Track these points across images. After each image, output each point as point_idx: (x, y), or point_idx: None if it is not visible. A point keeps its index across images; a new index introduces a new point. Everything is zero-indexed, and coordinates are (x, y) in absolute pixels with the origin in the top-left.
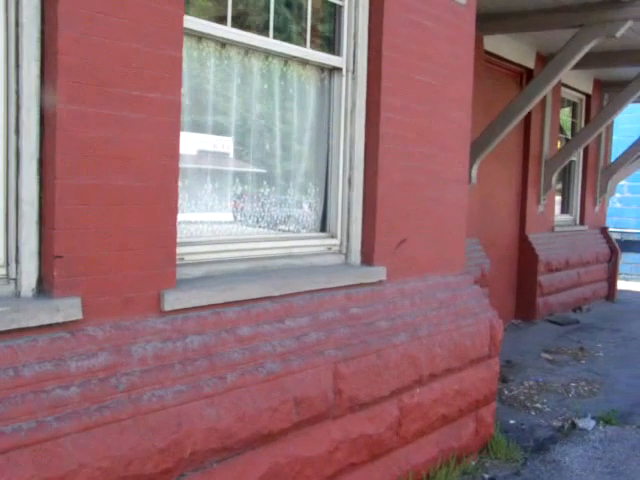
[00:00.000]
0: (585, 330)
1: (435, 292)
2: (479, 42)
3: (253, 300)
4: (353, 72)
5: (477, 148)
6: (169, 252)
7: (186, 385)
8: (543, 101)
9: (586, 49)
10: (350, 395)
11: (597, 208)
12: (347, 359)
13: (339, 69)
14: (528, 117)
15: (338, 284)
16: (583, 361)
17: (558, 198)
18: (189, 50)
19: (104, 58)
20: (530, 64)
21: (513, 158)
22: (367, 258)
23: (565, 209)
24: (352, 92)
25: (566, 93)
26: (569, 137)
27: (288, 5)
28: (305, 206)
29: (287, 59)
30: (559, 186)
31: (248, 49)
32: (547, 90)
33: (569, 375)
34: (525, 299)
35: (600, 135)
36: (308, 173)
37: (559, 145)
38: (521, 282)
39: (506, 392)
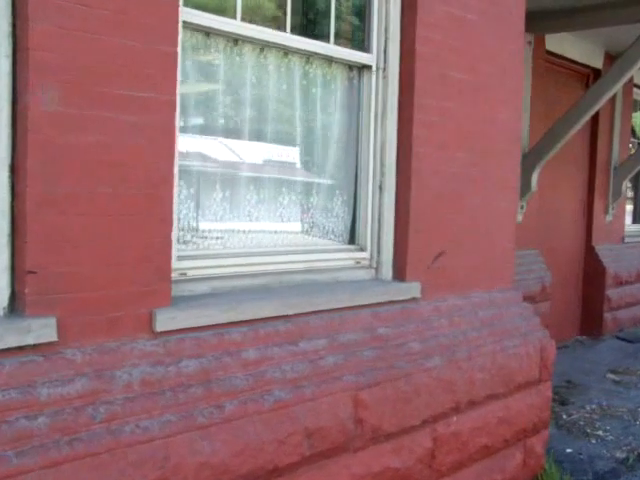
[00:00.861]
0: None
1: (477, 310)
2: (540, 42)
3: (263, 320)
4: (384, 70)
5: (538, 153)
6: (162, 267)
7: (177, 415)
8: (612, 103)
9: None
10: (373, 425)
11: None
12: (370, 385)
13: (369, 67)
14: (595, 120)
15: (364, 302)
16: None
17: (629, 207)
18: (194, 46)
19: (85, 54)
20: (598, 64)
21: (578, 164)
22: (399, 273)
23: (637, 219)
24: (383, 92)
25: (638, 94)
26: None
27: None
28: (331, 216)
29: (309, 56)
30: (630, 194)
31: (263, 46)
32: (615, 90)
33: (637, 399)
34: (591, 314)
35: None
36: (335, 179)
37: (631, 150)
38: (587, 296)
39: (564, 416)
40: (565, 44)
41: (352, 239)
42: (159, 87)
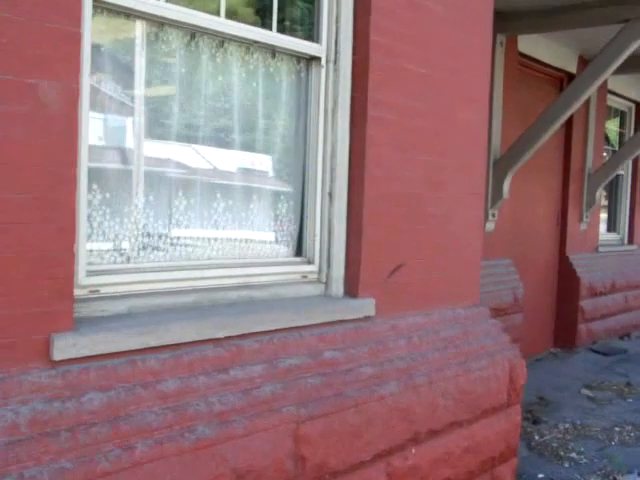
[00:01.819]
0: (633, 361)
1: (440, 329)
2: (513, 43)
3: (187, 344)
4: (335, 62)
5: (510, 159)
6: (62, 284)
7: (74, 460)
8: (586, 109)
9: (633, 47)
10: (317, 463)
11: None
12: (314, 417)
13: (318, 59)
14: (569, 127)
15: (309, 321)
16: (630, 399)
17: (604, 215)
18: (109, 28)
19: None
20: (572, 68)
21: (552, 171)
22: (351, 288)
23: (612, 227)
24: (334, 87)
25: (613, 101)
26: (617, 149)
27: None
28: (274, 225)
29: (248, 45)
30: (605, 202)
31: (194, 31)
32: (588, 95)
33: (612, 417)
34: (565, 326)
35: None
36: (279, 184)
37: (605, 158)
38: (561, 307)
39: (536, 437)
40: (539, 47)
41: (299, 251)
42: (59, 73)
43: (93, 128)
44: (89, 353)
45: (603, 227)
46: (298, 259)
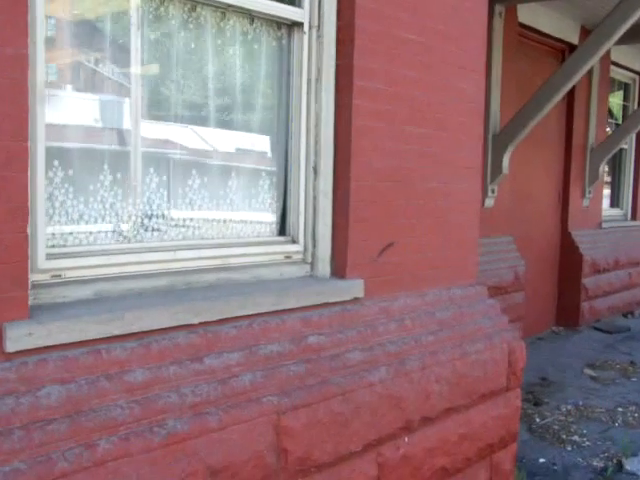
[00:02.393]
0: (637, 339)
1: (434, 310)
2: (512, 14)
3: (158, 331)
4: (318, 28)
5: (509, 133)
6: (15, 269)
7: (28, 460)
8: (588, 81)
9: (636, 16)
10: (300, 456)
11: None
12: (297, 407)
13: (300, 24)
14: (571, 100)
15: (292, 305)
16: (634, 378)
17: (607, 191)
18: None
19: None
20: (574, 39)
21: (553, 145)
22: (339, 269)
23: (615, 203)
24: (317, 54)
25: (616, 73)
26: (620, 123)
27: None
28: (255, 202)
29: (223, 10)
30: (608, 178)
31: None
32: (590, 66)
33: (616, 397)
34: (568, 303)
35: None
36: (260, 159)
37: (608, 131)
38: (563, 284)
39: (538, 419)
40: (539, 17)
41: (283, 230)
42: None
43: (59, 105)
44: (47, 343)
45: (606, 203)
46: (282, 238)
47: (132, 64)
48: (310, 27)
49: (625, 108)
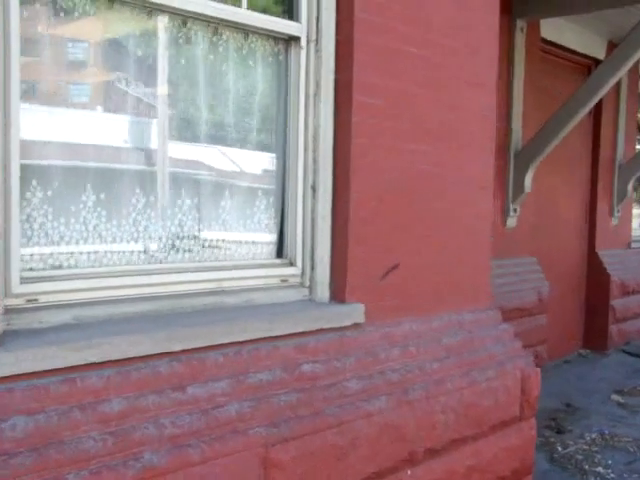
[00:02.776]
0: None
1: (441, 336)
2: (535, 29)
3: (138, 359)
4: (317, 43)
5: (532, 151)
6: None
7: None
8: (616, 96)
9: None
10: None
11: None
12: (287, 439)
13: (297, 39)
14: (598, 115)
15: (287, 331)
16: None
17: (638, 210)
18: None
19: None
20: (600, 55)
21: (580, 162)
22: (338, 293)
23: None
24: (316, 69)
25: None
26: None
27: None
28: (251, 223)
29: (216, 25)
30: (639, 196)
31: (151, 8)
32: (615, 80)
33: None
34: (595, 326)
35: None
36: (256, 178)
37: (638, 148)
38: (590, 306)
39: (560, 448)
40: (564, 32)
41: (280, 252)
42: None
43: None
44: (14, 371)
45: (637, 222)
46: (278, 261)
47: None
48: (308, 41)
49: None
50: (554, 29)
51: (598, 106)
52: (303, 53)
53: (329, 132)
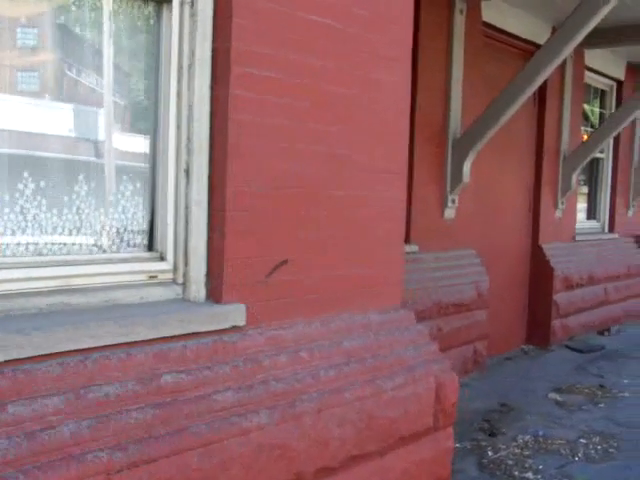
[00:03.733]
0: (610, 359)
1: (341, 339)
2: (475, 11)
3: None
4: (192, 4)
5: (471, 139)
6: None
7: None
8: (561, 86)
9: (604, 11)
10: None
11: (631, 212)
12: (136, 463)
13: (169, 1)
14: (542, 106)
15: (147, 335)
16: (601, 404)
17: (584, 204)
18: None
19: None
20: (544, 41)
21: (523, 152)
22: (215, 291)
23: (591, 214)
24: (191, 36)
25: (592, 79)
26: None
27: None
28: (115, 211)
29: None
30: (585, 189)
31: None
32: (555, 65)
33: (580, 425)
34: (538, 321)
35: (634, 125)
36: (120, 158)
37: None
38: (533, 301)
39: (490, 453)
40: (506, 17)
41: (151, 244)
42: None
43: None
44: None
45: (582, 215)
46: (146, 254)
47: None
48: (182, 3)
49: (602, 116)
50: (496, 13)
51: (543, 94)
52: (175, 17)
53: (205, 108)
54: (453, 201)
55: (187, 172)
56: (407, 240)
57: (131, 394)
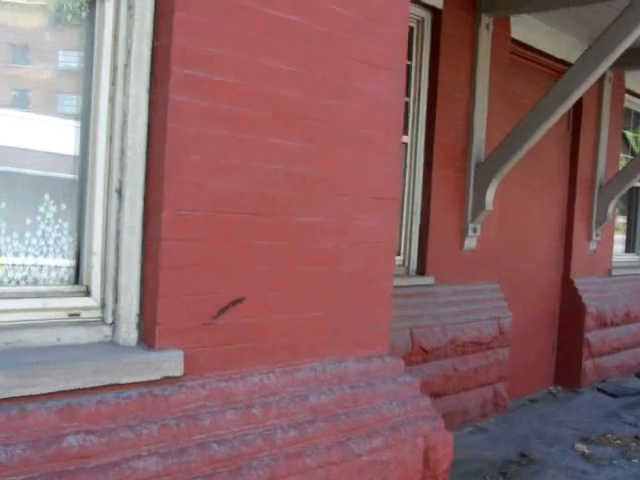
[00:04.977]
0: None
1: (308, 393)
2: (503, 27)
3: None
4: None
5: (495, 163)
6: None
7: None
8: (598, 110)
9: (638, 29)
10: None
11: None
12: None
13: None
14: (577, 129)
15: (50, 387)
16: (635, 459)
17: (622, 235)
18: None
19: None
20: (574, 60)
21: (554, 179)
22: (148, 334)
23: (630, 247)
24: (127, 32)
25: (633, 103)
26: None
27: None
28: (33, 236)
29: None
30: (623, 220)
31: None
32: (588, 85)
33: None
34: (568, 361)
35: None
36: (43, 178)
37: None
38: (563, 339)
39: None
40: (537, 33)
41: (77, 277)
42: None
43: None
44: None
45: (620, 247)
46: (67, 288)
47: None
48: None
49: None
50: (526, 30)
51: (577, 118)
52: (110, 9)
53: (142, 116)
54: (475, 230)
55: (119, 192)
56: (422, 272)
57: (20, 460)
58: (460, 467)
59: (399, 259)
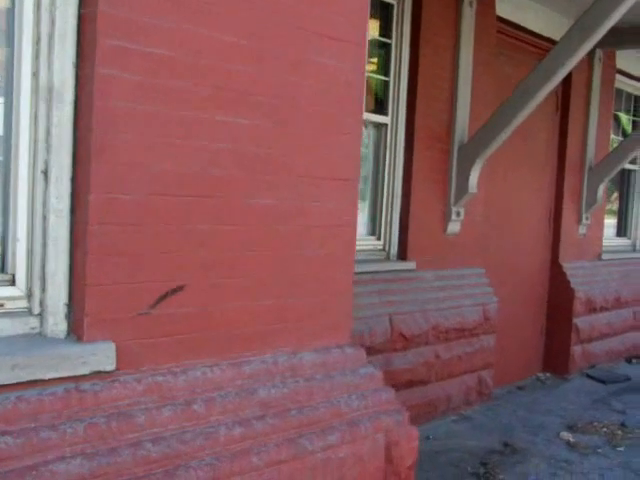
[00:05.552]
0: (636, 392)
1: (257, 387)
2: (488, 5)
3: None
4: None
5: (479, 145)
6: None
7: None
8: (588, 91)
9: (629, 3)
10: None
11: None
12: None
13: None
14: (565, 110)
15: None
16: (621, 447)
17: (613, 220)
18: None
19: None
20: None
21: (542, 161)
22: (77, 325)
23: (622, 231)
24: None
25: (624, 83)
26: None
27: None
28: None
29: None
30: (615, 204)
31: None
32: (574, 62)
33: (592, 474)
34: (556, 347)
35: None
36: None
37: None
38: (552, 325)
39: None
40: (524, 12)
41: (2, 265)
42: None
43: None
44: None
45: (611, 231)
46: None
47: None
48: None
49: (635, 124)
50: (512, 7)
51: (566, 98)
52: None
53: (68, 92)
54: (458, 214)
55: (45, 174)
56: (403, 257)
57: None
58: (441, 457)
59: (379, 243)
